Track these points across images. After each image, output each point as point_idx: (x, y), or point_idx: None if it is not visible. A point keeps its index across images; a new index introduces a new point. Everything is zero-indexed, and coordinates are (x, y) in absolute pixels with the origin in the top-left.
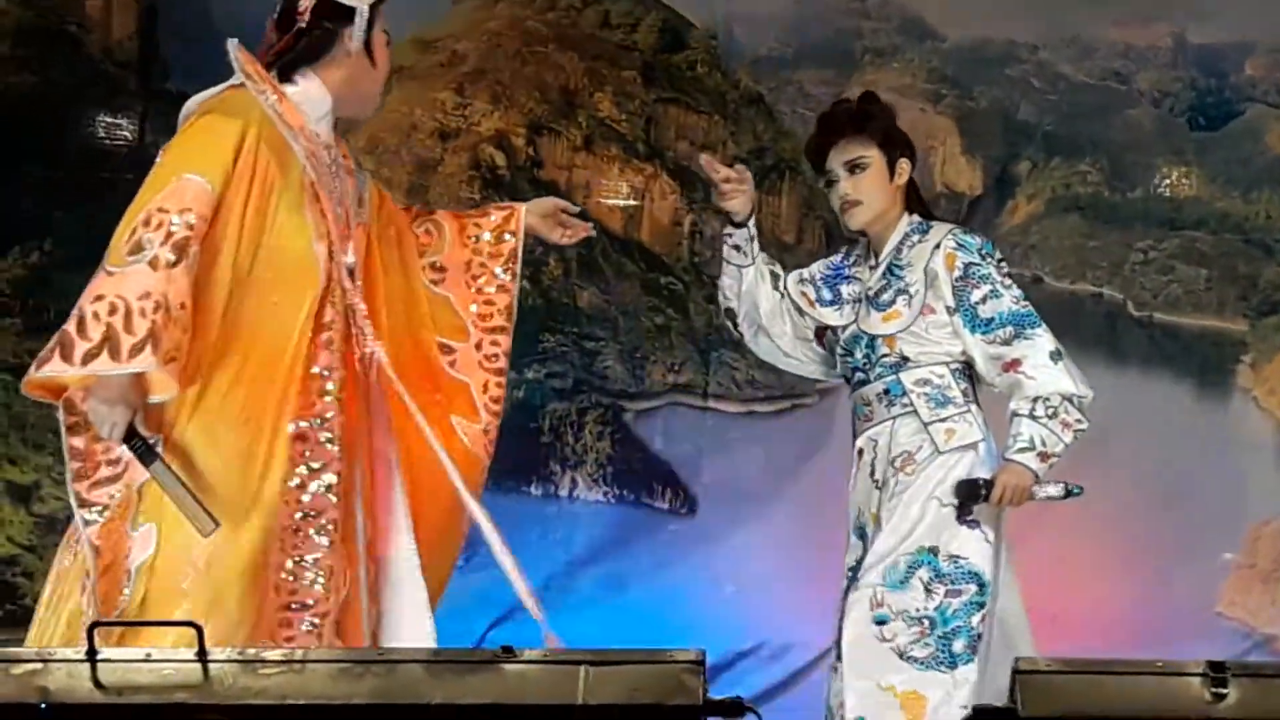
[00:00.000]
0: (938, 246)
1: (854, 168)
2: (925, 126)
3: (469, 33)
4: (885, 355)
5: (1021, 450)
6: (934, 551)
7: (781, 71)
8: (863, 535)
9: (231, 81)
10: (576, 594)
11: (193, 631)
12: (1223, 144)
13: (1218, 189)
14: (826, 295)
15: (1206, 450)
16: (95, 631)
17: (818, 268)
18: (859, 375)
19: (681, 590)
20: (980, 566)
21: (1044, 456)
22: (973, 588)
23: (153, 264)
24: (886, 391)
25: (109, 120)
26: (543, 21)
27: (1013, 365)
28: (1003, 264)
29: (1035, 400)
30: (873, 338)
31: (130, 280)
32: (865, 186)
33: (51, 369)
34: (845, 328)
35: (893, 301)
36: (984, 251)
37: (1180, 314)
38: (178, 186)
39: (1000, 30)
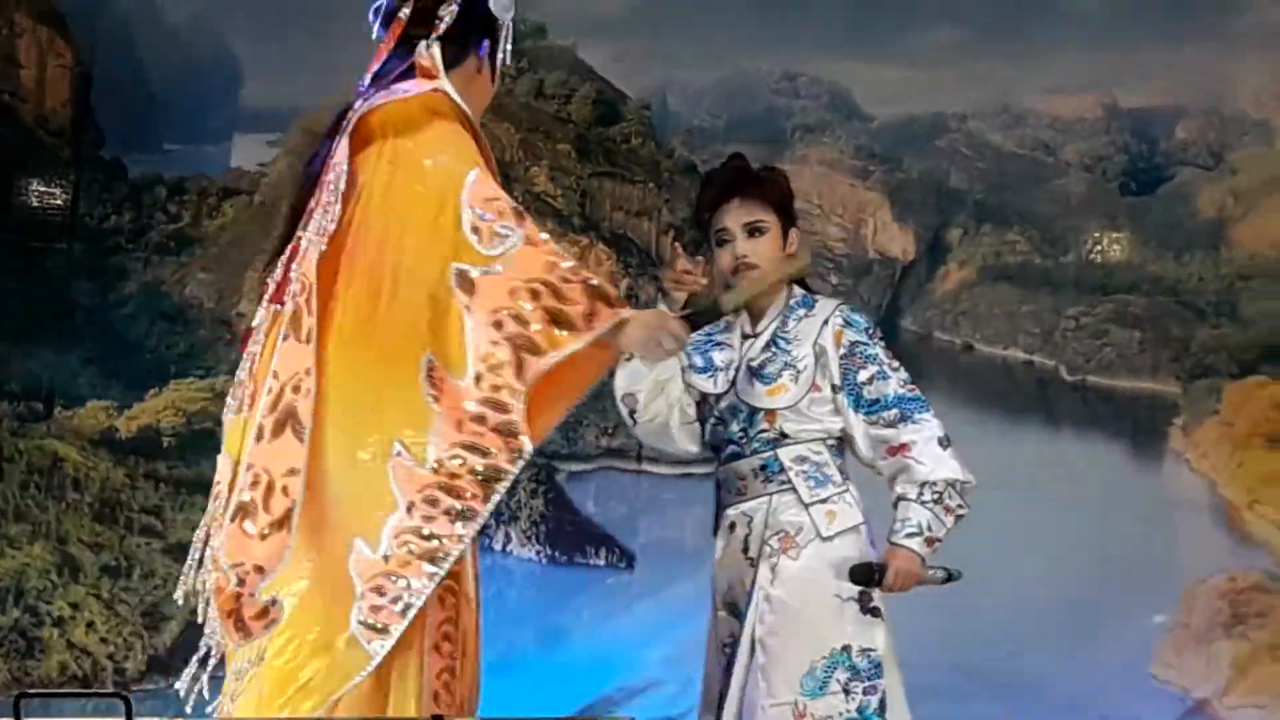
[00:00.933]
0: (826, 322)
1: (753, 230)
2: (856, 200)
3: None
4: (764, 430)
5: (910, 535)
6: (847, 650)
7: (714, 143)
8: (735, 611)
9: (435, 84)
10: (512, 649)
11: None
12: (1155, 208)
13: (1150, 252)
14: (699, 362)
15: (1140, 512)
16: None
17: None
18: (732, 448)
19: (619, 646)
20: (885, 655)
21: (930, 541)
22: (882, 681)
23: (530, 241)
24: (764, 468)
25: (42, 189)
26: None
27: (901, 449)
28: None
29: (923, 485)
30: (753, 410)
31: (525, 263)
32: (763, 250)
33: (570, 346)
34: (720, 396)
35: (778, 375)
36: (870, 330)
37: (1113, 377)
38: (478, 177)
39: (928, 104)
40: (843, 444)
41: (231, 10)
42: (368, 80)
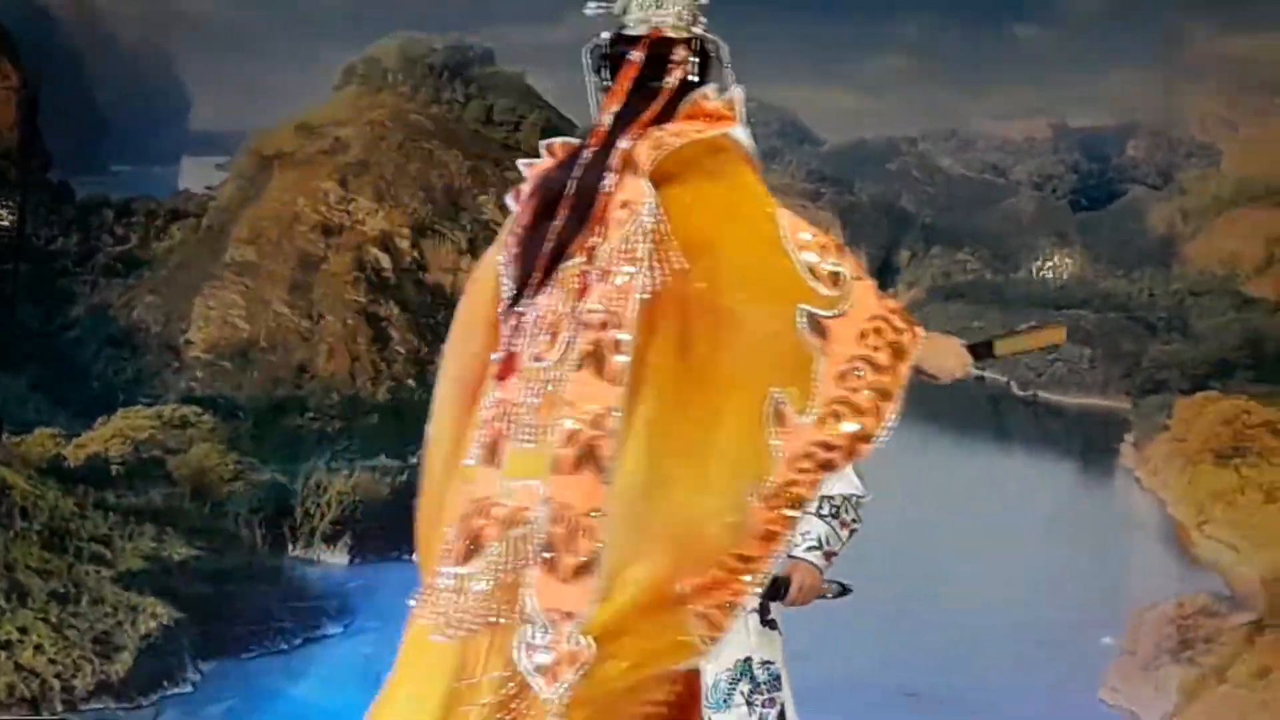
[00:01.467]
0: None
1: None
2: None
3: (352, 120)
4: None
5: (810, 549)
6: (748, 662)
7: None
8: None
9: (727, 128)
10: None
11: None
12: (1105, 224)
13: (1101, 269)
14: None
15: (1090, 531)
16: None
17: None
18: None
19: None
20: (781, 667)
21: (828, 555)
22: (780, 693)
23: (856, 274)
24: None
25: None
26: (426, 115)
27: None
28: None
29: (821, 500)
30: None
31: (864, 300)
32: None
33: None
34: None
35: None
36: None
37: (1064, 393)
38: (789, 216)
39: (879, 128)
40: None
41: (179, 35)
42: (609, 119)
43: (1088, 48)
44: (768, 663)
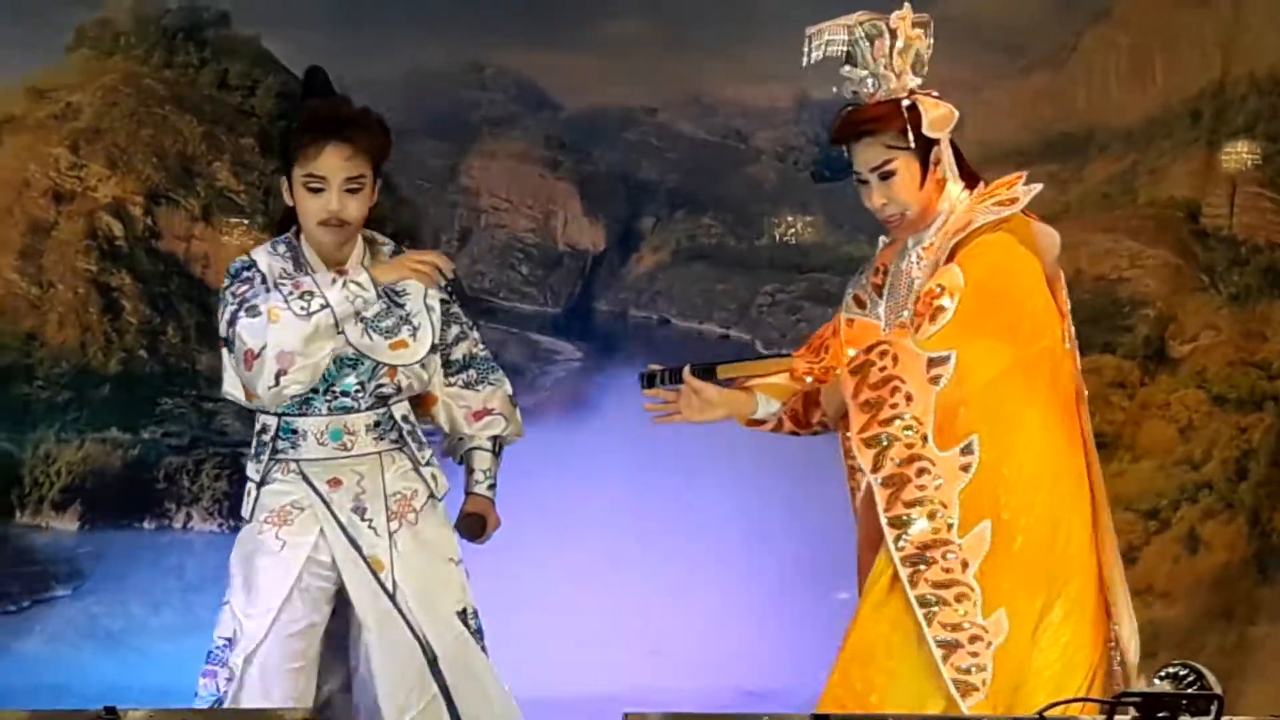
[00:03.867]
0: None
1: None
2: (546, 191)
3: (84, 84)
4: (383, 385)
5: (491, 486)
6: (464, 613)
7: (400, 141)
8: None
9: None
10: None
11: None
12: (846, 192)
13: (844, 235)
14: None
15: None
16: None
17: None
18: (344, 400)
19: None
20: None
21: (493, 489)
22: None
23: None
24: (377, 424)
25: None
26: (159, 80)
27: (486, 412)
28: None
29: (496, 439)
30: (376, 365)
31: None
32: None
33: None
34: None
35: (397, 330)
36: (449, 289)
37: None
38: None
39: (617, 96)
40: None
41: None
42: None
43: (830, 14)
44: (476, 611)
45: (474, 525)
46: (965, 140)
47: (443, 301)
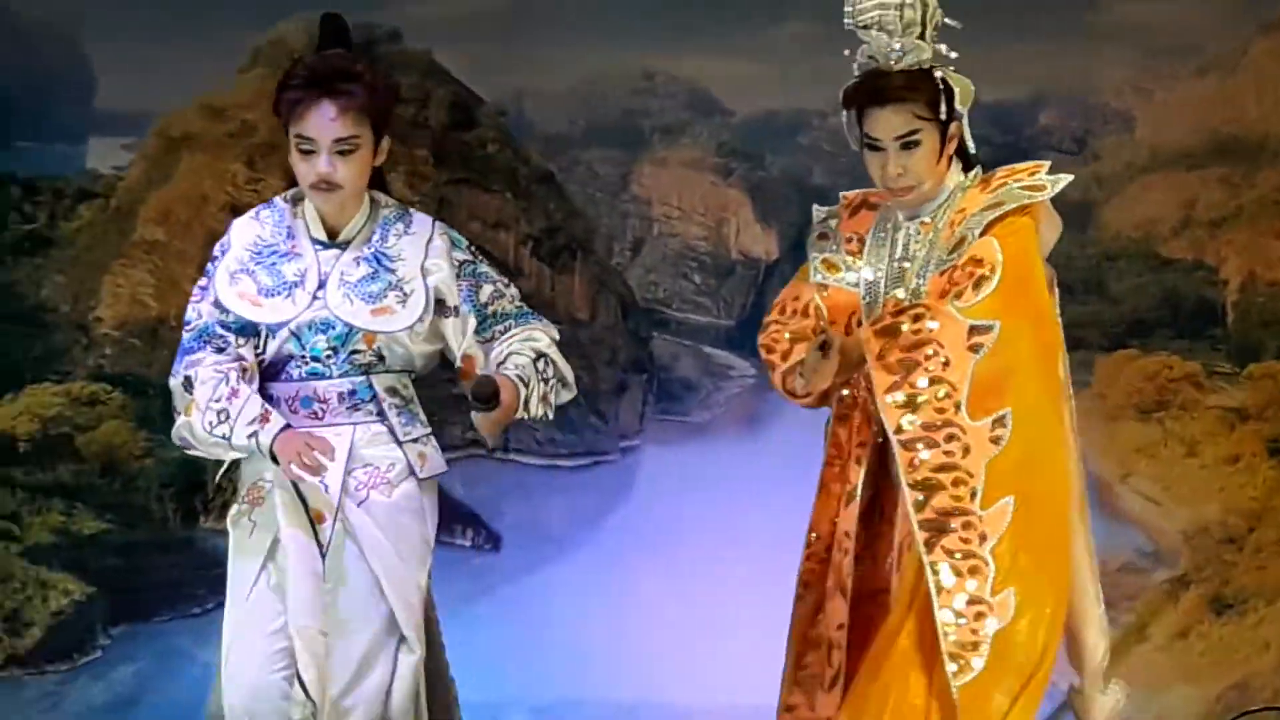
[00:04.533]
0: (430, 241)
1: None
2: (718, 199)
3: (258, 102)
4: (358, 352)
5: (521, 379)
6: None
7: (571, 150)
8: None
9: None
10: None
11: None
12: None
13: None
14: (267, 282)
15: None
16: None
17: (244, 256)
18: (314, 366)
19: (485, 625)
20: None
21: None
22: None
23: None
24: (352, 393)
25: None
26: None
27: (520, 333)
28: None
29: (538, 355)
30: (350, 330)
31: None
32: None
33: None
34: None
35: (382, 295)
36: (471, 247)
37: None
38: None
39: (789, 101)
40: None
41: (84, 14)
42: None
43: (998, 17)
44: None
45: (485, 386)
46: (1136, 142)
47: (466, 263)
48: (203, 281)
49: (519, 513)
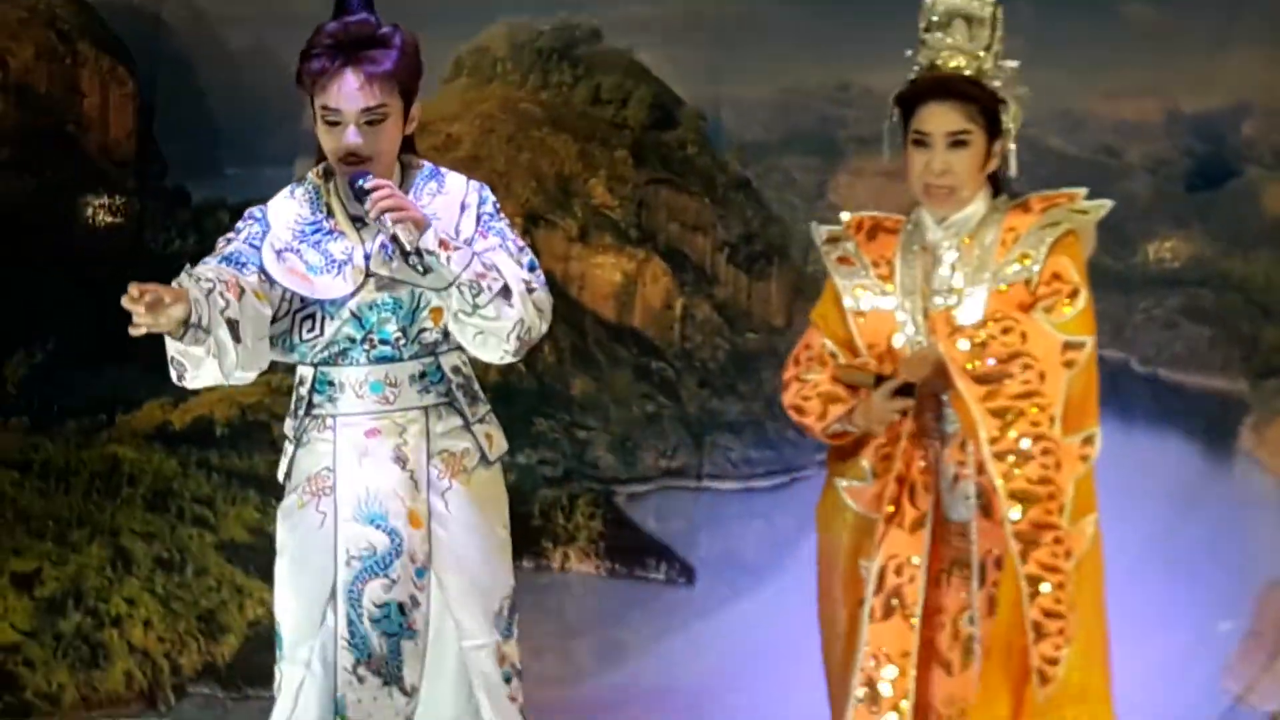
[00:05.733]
0: (464, 204)
1: None
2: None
3: (462, 114)
4: (426, 330)
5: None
6: (500, 613)
7: (768, 157)
8: (386, 529)
9: None
10: (572, 664)
11: None
12: (1221, 204)
13: (1221, 249)
14: (313, 259)
15: (1211, 511)
16: None
17: (286, 235)
18: (384, 349)
19: (679, 661)
20: None
21: (444, 244)
22: None
23: None
24: (423, 375)
25: (108, 219)
26: (536, 102)
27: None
28: None
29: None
30: (415, 308)
31: None
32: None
33: None
34: (357, 291)
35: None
36: (495, 203)
37: (1184, 372)
38: None
39: None
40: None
41: (288, 37)
42: None
43: (1201, 28)
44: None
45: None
46: None
47: (485, 216)
48: (237, 227)
49: (714, 543)
